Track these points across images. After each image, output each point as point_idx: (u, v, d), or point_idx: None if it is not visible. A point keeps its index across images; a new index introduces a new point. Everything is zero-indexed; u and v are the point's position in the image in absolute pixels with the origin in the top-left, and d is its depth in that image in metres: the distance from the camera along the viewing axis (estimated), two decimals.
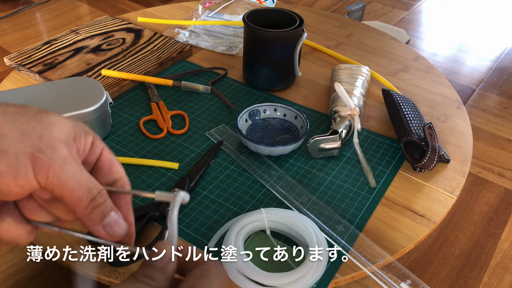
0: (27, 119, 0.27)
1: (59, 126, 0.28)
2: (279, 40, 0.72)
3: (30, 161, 0.26)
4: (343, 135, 0.63)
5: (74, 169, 0.27)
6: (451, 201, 0.58)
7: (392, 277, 0.47)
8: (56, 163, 0.27)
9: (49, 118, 0.28)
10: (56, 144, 0.27)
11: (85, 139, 0.30)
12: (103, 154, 0.31)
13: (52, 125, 0.27)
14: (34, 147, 0.26)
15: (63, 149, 0.27)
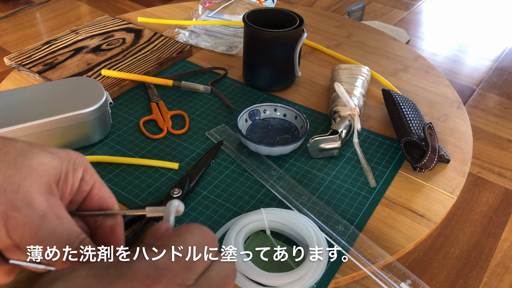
0: (5, 164, 0.24)
1: (41, 171, 0.25)
2: (279, 40, 0.72)
3: (2, 220, 0.24)
4: (343, 135, 0.63)
5: (53, 225, 0.25)
6: (451, 201, 0.58)
7: (392, 277, 0.47)
8: (33, 221, 0.24)
9: (31, 161, 0.25)
10: (34, 198, 0.24)
11: (73, 177, 0.28)
12: (93, 190, 0.29)
13: (32, 171, 0.25)
14: (8, 204, 0.24)
15: (42, 203, 0.25)
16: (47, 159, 0.26)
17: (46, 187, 0.25)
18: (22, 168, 0.24)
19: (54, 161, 0.26)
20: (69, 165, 0.27)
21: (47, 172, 0.25)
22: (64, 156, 0.27)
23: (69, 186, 0.28)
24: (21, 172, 0.24)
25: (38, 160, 0.25)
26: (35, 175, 0.25)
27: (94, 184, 0.29)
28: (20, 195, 0.24)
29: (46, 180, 0.25)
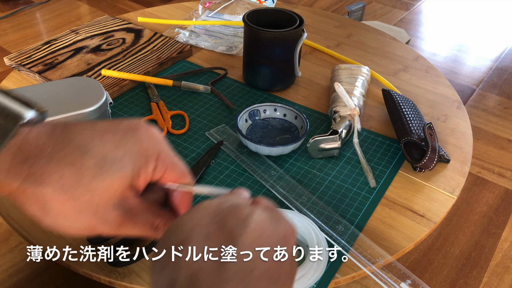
0: (82, 191, 0.29)
1: (113, 187, 0.29)
2: (279, 40, 0.72)
3: (91, 231, 0.30)
4: (343, 135, 0.63)
5: (130, 226, 0.31)
6: (451, 201, 0.58)
7: (392, 277, 0.47)
8: (113, 230, 0.31)
9: (104, 183, 0.29)
10: (109, 216, 0.30)
11: (145, 172, 0.31)
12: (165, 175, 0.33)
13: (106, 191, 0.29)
14: (91, 222, 0.29)
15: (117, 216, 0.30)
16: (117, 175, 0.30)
17: (119, 198, 0.30)
18: (97, 191, 0.29)
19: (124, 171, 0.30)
20: (142, 161, 0.31)
21: (119, 186, 0.30)
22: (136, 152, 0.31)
23: (142, 180, 0.31)
24: (97, 195, 0.29)
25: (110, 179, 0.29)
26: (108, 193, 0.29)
27: (166, 170, 0.33)
28: (98, 215, 0.29)
29: (119, 193, 0.30)
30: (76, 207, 0.29)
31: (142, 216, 0.32)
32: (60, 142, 0.29)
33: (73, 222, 0.29)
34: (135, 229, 0.32)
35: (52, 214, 0.29)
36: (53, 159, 0.28)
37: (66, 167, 0.28)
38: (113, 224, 0.30)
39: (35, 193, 0.28)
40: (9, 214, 0.53)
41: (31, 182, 0.28)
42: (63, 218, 0.29)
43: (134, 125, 0.32)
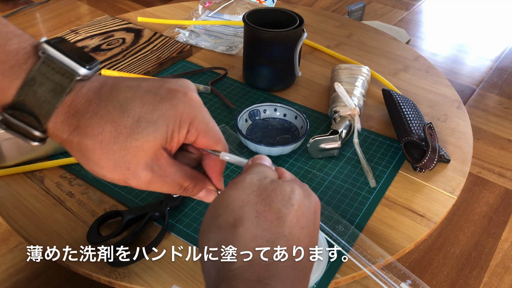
0: (118, 147, 0.31)
1: (146, 148, 0.32)
2: (279, 40, 0.71)
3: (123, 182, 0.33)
4: (343, 135, 0.63)
5: (159, 185, 0.33)
6: (451, 201, 0.58)
7: (392, 277, 0.47)
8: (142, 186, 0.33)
9: (137, 142, 0.31)
10: (140, 173, 0.32)
11: (178, 135, 0.33)
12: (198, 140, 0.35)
13: (139, 150, 0.31)
14: (124, 176, 0.32)
15: (147, 175, 0.32)
16: (152, 135, 0.32)
17: (151, 158, 0.32)
18: (131, 149, 0.31)
19: (158, 133, 0.32)
20: (175, 125, 0.33)
21: (151, 147, 0.32)
22: (171, 116, 0.32)
23: (175, 143, 0.33)
24: (130, 153, 0.31)
25: (144, 140, 0.31)
26: (141, 153, 0.31)
27: (198, 135, 0.35)
28: (130, 171, 0.32)
29: (151, 153, 0.32)
30: (111, 161, 0.31)
31: (172, 177, 0.34)
32: (105, 98, 0.32)
33: (109, 172, 0.32)
34: (164, 187, 0.34)
35: (92, 163, 0.32)
36: (96, 115, 0.31)
37: (107, 123, 0.31)
38: (143, 180, 0.32)
39: (79, 144, 0.31)
40: (9, 214, 0.53)
41: (77, 134, 0.31)
42: (101, 167, 0.32)
43: (175, 88, 0.34)
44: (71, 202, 0.55)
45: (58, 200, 0.55)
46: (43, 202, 0.55)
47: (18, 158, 0.59)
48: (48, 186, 0.57)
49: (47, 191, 0.56)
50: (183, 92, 0.34)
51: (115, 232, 0.49)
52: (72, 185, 0.57)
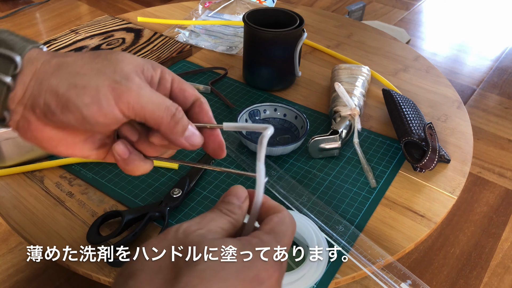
0: (100, 60, 0.31)
1: (127, 61, 0.31)
2: (279, 40, 0.71)
3: (109, 92, 0.29)
4: (343, 135, 0.63)
5: (149, 93, 0.31)
6: (452, 201, 0.58)
7: (393, 278, 0.47)
8: (133, 89, 0.30)
9: (118, 56, 0.31)
10: (129, 74, 0.30)
11: (153, 72, 0.33)
12: (174, 85, 0.34)
13: (121, 61, 0.31)
14: (110, 80, 0.30)
15: (135, 78, 0.30)
16: (129, 55, 0.32)
17: (134, 70, 0.31)
18: (113, 60, 0.31)
19: (136, 57, 0.32)
20: (148, 63, 0.33)
21: (132, 62, 0.31)
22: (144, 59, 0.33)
23: (149, 77, 0.32)
24: (113, 62, 0.31)
25: (123, 55, 0.32)
26: (123, 63, 0.31)
27: (173, 79, 0.34)
28: (117, 73, 0.30)
29: (133, 66, 0.31)
30: (95, 69, 0.30)
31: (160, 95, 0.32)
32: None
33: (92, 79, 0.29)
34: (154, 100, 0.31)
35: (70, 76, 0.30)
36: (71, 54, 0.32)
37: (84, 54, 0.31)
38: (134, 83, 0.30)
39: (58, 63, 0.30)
40: (9, 214, 0.53)
41: (55, 56, 0.31)
42: (82, 76, 0.30)
43: None
44: (71, 202, 0.55)
45: (58, 200, 0.55)
46: (43, 202, 0.55)
47: (17, 158, 0.58)
48: (48, 186, 0.57)
49: (47, 191, 0.56)
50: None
51: (115, 232, 0.49)
52: (72, 185, 0.57)
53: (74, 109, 0.29)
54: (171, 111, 0.31)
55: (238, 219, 0.29)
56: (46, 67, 0.30)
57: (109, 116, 0.30)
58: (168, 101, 0.32)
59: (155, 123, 0.31)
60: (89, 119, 0.30)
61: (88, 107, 0.29)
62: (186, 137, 0.32)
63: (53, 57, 0.31)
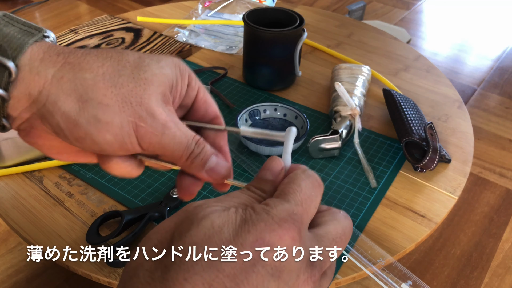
0: (125, 79, 0.27)
1: (156, 82, 0.28)
2: (279, 40, 0.71)
3: (133, 130, 0.27)
4: (344, 135, 0.63)
5: (173, 132, 0.28)
6: (452, 201, 0.58)
7: (393, 278, 0.47)
8: (157, 130, 0.27)
9: (146, 74, 0.27)
10: (155, 110, 0.27)
11: (181, 83, 0.30)
12: (199, 95, 0.32)
13: (149, 83, 0.27)
14: (136, 115, 0.27)
15: (162, 114, 0.28)
16: (158, 70, 0.28)
17: (162, 96, 0.28)
18: (140, 81, 0.27)
19: (164, 70, 0.29)
20: (177, 72, 0.30)
21: (161, 83, 0.28)
22: (171, 64, 0.30)
23: (179, 92, 0.30)
24: (140, 85, 0.27)
25: (151, 72, 0.28)
26: (152, 86, 0.27)
27: (199, 89, 0.32)
28: (143, 107, 0.27)
29: (161, 90, 0.28)
30: (120, 95, 0.26)
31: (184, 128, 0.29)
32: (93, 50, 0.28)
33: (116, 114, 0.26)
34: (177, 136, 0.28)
35: (92, 105, 0.26)
36: (90, 54, 0.27)
37: (106, 59, 0.27)
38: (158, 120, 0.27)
39: (73, 80, 0.26)
40: (8, 214, 0.53)
41: (69, 69, 0.26)
42: (105, 108, 0.26)
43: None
44: (70, 202, 0.55)
45: (57, 200, 0.55)
46: (42, 202, 0.55)
47: (17, 158, 0.58)
48: (47, 186, 0.57)
49: (46, 191, 0.56)
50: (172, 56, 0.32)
51: (115, 233, 0.49)
52: (72, 185, 0.57)
53: (92, 142, 0.27)
54: (190, 149, 0.29)
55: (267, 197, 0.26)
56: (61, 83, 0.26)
57: (129, 151, 0.28)
58: (189, 137, 0.29)
59: (173, 160, 0.30)
60: (106, 152, 0.28)
61: (109, 144, 0.27)
62: (207, 171, 0.30)
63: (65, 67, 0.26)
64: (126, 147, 0.27)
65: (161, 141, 0.28)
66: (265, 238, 0.22)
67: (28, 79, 0.26)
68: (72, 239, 0.50)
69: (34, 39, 0.26)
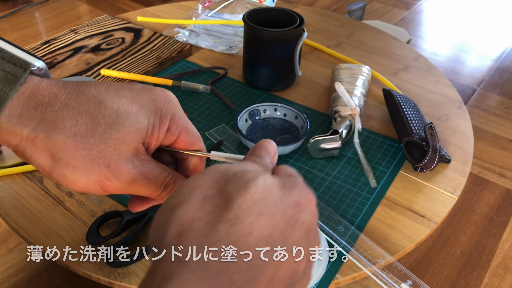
0: (97, 140, 0.28)
1: (128, 140, 0.29)
2: (279, 40, 0.71)
3: (99, 186, 0.29)
4: (344, 135, 0.63)
5: (140, 184, 0.30)
6: (452, 201, 0.58)
7: (393, 278, 0.47)
8: (123, 188, 0.30)
9: (118, 134, 0.28)
10: (122, 170, 0.29)
11: (159, 131, 0.31)
12: (179, 138, 0.33)
13: (120, 143, 0.28)
14: (102, 176, 0.28)
15: (129, 172, 0.29)
16: (132, 126, 0.29)
17: (133, 151, 0.29)
18: (111, 142, 0.28)
19: (139, 124, 0.29)
20: (156, 119, 0.30)
21: (134, 139, 0.29)
22: (151, 110, 0.30)
23: (155, 138, 0.31)
24: (110, 146, 0.28)
25: (125, 131, 0.28)
26: (122, 145, 0.28)
27: (180, 133, 0.32)
28: (110, 168, 0.28)
29: (133, 145, 0.29)
30: (88, 157, 0.28)
31: (153, 173, 0.31)
32: (75, 92, 0.28)
33: (83, 174, 0.28)
34: (145, 186, 0.30)
35: (62, 165, 0.28)
36: (67, 107, 0.27)
37: (81, 115, 0.28)
38: (125, 178, 0.29)
39: (46, 140, 0.27)
40: (8, 214, 0.53)
41: (43, 128, 0.27)
42: (73, 169, 0.28)
43: (149, 87, 0.32)
44: (70, 202, 0.55)
45: (57, 200, 0.55)
46: (42, 202, 0.55)
47: (17, 158, 0.58)
48: (48, 186, 0.57)
49: (47, 191, 0.56)
50: (160, 89, 0.32)
51: (115, 233, 0.49)
52: None
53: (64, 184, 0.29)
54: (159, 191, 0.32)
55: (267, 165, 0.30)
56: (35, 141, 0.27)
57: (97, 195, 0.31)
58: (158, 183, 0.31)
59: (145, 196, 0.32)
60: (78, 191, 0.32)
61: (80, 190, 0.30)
62: None
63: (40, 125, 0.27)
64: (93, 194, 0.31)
65: (129, 191, 0.30)
66: (301, 201, 0.27)
67: (6, 136, 0.27)
68: (72, 239, 0.50)
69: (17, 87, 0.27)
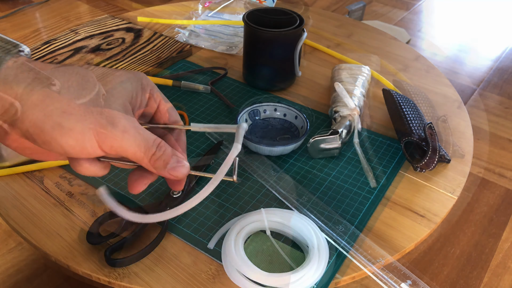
0: (87, 91, 0.31)
1: (116, 95, 0.32)
2: (279, 40, 0.71)
3: (94, 136, 0.30)
4: (344, 135, 0.63)
5: (133, 136, 0.31)
6: (452, 201, 0.58)
7: (393, 278, 0.47)
8: (117, 136, 0.31)
9: (106, 87, 0.32)
10: (115, 117, 0.31)
11: (141, 97, 0.35)
12: (160, 107, 0.37)
13: (110, 96, 0.31)
14: (96, 123, 0.30)
15: (121, 120, 0.31)
16: (119, 85, 0.32)
17: (122, 107, 0.32)
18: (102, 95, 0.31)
19: (125, 85, 0.33)
20: (138, 86, 0.34)
21: (121, 95, 0.32)
22: (133, 80, 0.34)
23: (138, 103, 0.35)
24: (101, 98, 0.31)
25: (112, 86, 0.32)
26: (112, 98, 0.31)
27: (160, 101, 0.37)
28: (104, 115, 0.30)
29: (121, 101, 0.32)
30: (83, 106, 0.30)
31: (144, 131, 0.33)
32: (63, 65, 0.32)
33: (78, 121, 0.29)
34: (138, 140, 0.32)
35: (57, 113, 0.29)
36: (58, 70, 0.31)
37: (72, 74, 0.31)
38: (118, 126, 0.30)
39: (41, 92, 0.29)
40: (9, 214, 0.53)
41: (38, 83, 0.29)
42: (68, 116, 0.29)
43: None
44: (70, 202, 0.55)
45: (57, 200, 0.55)
46: (42, 202, 0.55)
47: (17, 158, 0.58)
48: (48, 186, 0.57)
49: (47, 191, 0.56)
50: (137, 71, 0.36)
51: (115, 233, 0.49)
52: (72, 185, 0.57)
53: (57, 146, 0.30)
54: (152, 151, 0.32)
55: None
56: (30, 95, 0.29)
57: (91, 154, 0.31)
58: (150, 140, 0.32)
59: (136, 160, 0.33)
60: (71, 154, 0.31)
61: (72, 147, 0.30)
62: (169, 169, 0.33)
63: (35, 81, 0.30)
64: (87, 151, 0.31)
65: (122, 144, 0.31)
66: None
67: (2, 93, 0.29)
68: (72, 239, 0.50)
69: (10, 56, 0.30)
